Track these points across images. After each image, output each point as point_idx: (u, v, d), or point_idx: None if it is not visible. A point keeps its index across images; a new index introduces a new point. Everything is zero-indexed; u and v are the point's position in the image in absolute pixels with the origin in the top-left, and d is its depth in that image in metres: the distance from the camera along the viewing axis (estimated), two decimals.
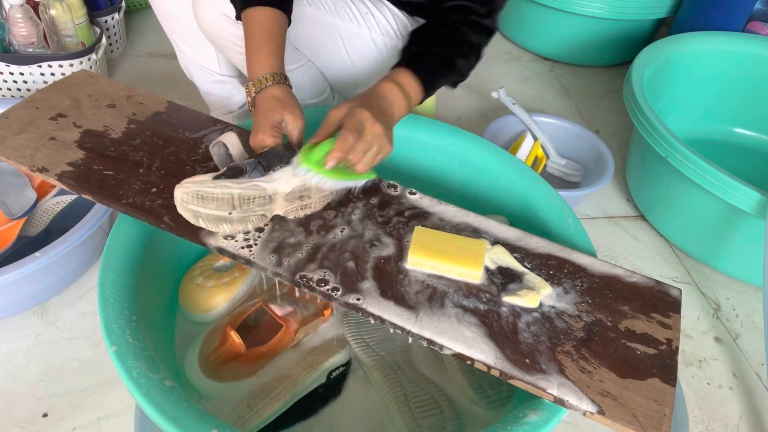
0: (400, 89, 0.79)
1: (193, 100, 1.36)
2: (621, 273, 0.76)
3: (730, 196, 1.00)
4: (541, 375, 0.62)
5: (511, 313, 0.68)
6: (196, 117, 0.88)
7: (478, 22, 0.87)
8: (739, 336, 1.06)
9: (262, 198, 0.70)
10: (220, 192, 0.68)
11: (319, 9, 0.97)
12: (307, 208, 0.75)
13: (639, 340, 0.68)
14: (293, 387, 0.76)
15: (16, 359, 0.88)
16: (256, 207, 0.71)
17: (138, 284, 0.71)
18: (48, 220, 0.99)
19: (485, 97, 1.57)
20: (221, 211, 0.69)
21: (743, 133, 1.48)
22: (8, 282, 0.83)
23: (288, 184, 0.71)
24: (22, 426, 0.81)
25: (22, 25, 1.19)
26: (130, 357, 0.61)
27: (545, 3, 1.63)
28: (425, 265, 0.71)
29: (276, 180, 0.71)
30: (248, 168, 0.70)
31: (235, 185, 0.68)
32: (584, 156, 1.33)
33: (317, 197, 0.75)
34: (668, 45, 1.36)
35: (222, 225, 0.70)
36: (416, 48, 0.86)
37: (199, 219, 0.69)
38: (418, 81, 0.81)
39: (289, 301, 0.84)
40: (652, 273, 1.15)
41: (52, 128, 0.80)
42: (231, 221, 0.70)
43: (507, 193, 0.94)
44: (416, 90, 0.81)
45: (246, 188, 0.69)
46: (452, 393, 0.80)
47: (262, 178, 0.70)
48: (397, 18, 1.03)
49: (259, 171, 0.71)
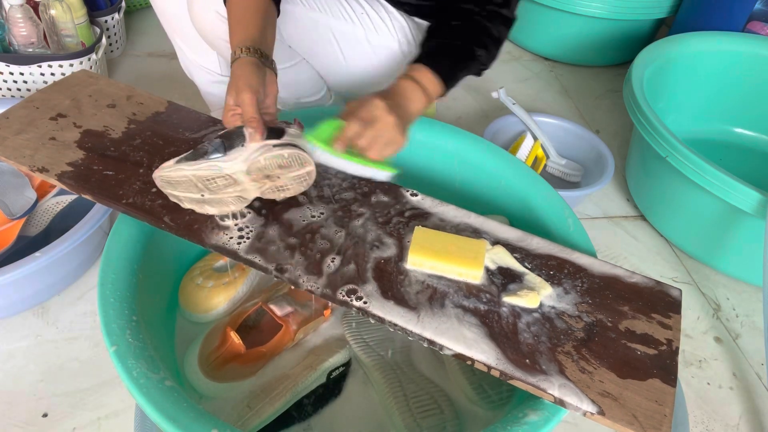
0: (418, 85, 0.79)
1: (193, 100, 1.36)
2: (621, 273, 0.76)
3: (730, 196, 1.00)
4: (541, 375, 0.62)
5: (512, 314, 0.68)
6: (197, 117, 0.88)
7: (496, 12, 0.87)
8: (739, 336, 1.06)
9: (223, 178, 0.70)
10: (176, 175, 0.69)
11: (313, 8, 0.96)
12: (285, 190, 0.74)
13: (639, 340, 0.68)
14: (293, 387, 0.76)
15: (16, 359, 0.88)
16: (225, 188, 0.71)
17: (138, 284, 0.71)
18: (48, 220, 0.99)
19: (485, 97, 1.57)
20: (192, 193, 0.70)
21: (743, 133, 1.48)
22: (8, 282, 0.83)
23: (244, 162, 0.70)
24: (22, 426, 0.81)
25: (22, 25, 1.19)
26: (130, 357, 0.61)
27: (545, 3, 1.63)
28: (425, 266, 0.71)
29: (232, 159, 0.70)
30: (210, 149, 0.71)
31: (189, 167, 0.69)
32: (584, 156, 1.33)
33: (289, 178, 0.72)
34: (668, 45, 1.36)
35: (205, 206, 0.72)
36: (434, 42, 0.85)
37: (183, 202, 0.71)
38: (437, 76, 0.81)
39: (289, 301, 0.84)
40: (652, 273, 1.15)
41: (52, 128, 0.80)
42: (210, 203, 0.71)
43: (507, 193, 0.94)
44: (435, 84, 0.81)
45: (200, 169, 0.69)
46: (452, 393, 0.80)
47: (221, 158, 0.70)
48: (393, 18, 1.02)
49: (220, 151, 0.71)
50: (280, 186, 0.73)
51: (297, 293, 0.87)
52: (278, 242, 0.72)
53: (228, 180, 0.71)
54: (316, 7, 0.96)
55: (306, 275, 0.69)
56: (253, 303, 0.85)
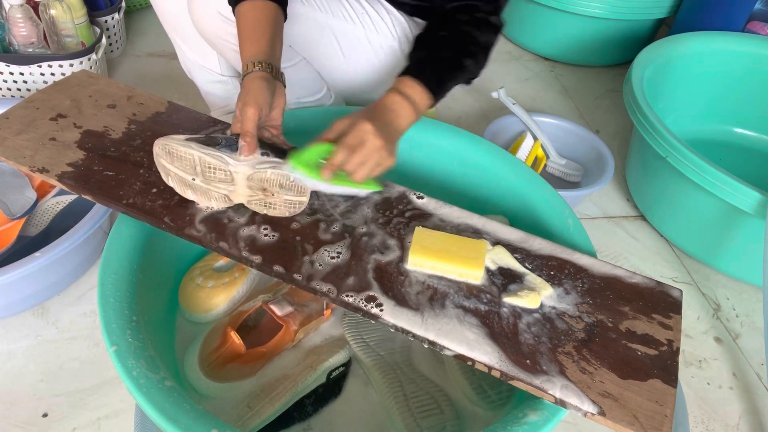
0: (406, 99, 0.79)
1: (194, 100, 1.36)
2: (622, 274, 0.76)
3: (730, 196, 1.00)
4: (542, 376, 0.62)
5: (512, 314, 0.68)
6: (197, 117, 0.88)
7: (486, 20, 0.87)
8: (739, 336, 1.06)
9: (223, 172, 0.71)
10: (184, 151, 0.70)
11: (313, 8, 0.96)
12: (271, 207, 0.74)
13: (640, 340, 0.68)
14: (293, 387, 0.76)
15: (16, 359, 0.88)
16: (219, 183, 0.72)
17: (138, 284, 0.71)
18: (48, 220, 0.99)
19: (485, 97, 1.57)
20: (185, 173, 0.71)
21: (743, 133, 1.48)
22: (8, 282, 0.83)
23: (250, 167, 0.71)
24: (22, 426, 0.81)
25: (22, 25, 1.19)
26: (130, 357, 0.61)
27: (545, 3, 1.63)
28: (426, 266, 0.71)
29: (241, 161, 0.71)
30: (223, 142, 0.72)
31: (199, 149, 0.70)
32: (584, 156, 1.33)
33: (282, 200, 0.73)
34: (668, 45, 1.36)
35: (187, 190, 0.73)
36: (422, 54, 0.85)
37: (169, 177, 0.72)
38: (425, 88, 0.80)
39: (289, 301, 0.84)
40: (652, 273, 1.15)
41: (52, 129, 0.80)
42: (194, 189, 0.72)
43: (507, 193, 0.94)
44: (424, 97, 0.81)
45: (208, 154, 0.70)
46: (452, 393, 0.80)
47: (231, 155, 0.71)
48: (394, 18, 1.02)
49: (232, 149, 0.72)
50: (270, 203, 0.74)
51: (297, 293, 0.87)
52: (279, 243, 0.72)
53: (226, 176, 0.71)
54: (317, 6, 0.96)
55: (305, 276, 0.69)
56: (253, 303, 0.85)
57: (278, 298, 0.84)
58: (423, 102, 0.81)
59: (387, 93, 0.80)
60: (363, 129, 0.72)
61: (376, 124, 0.73)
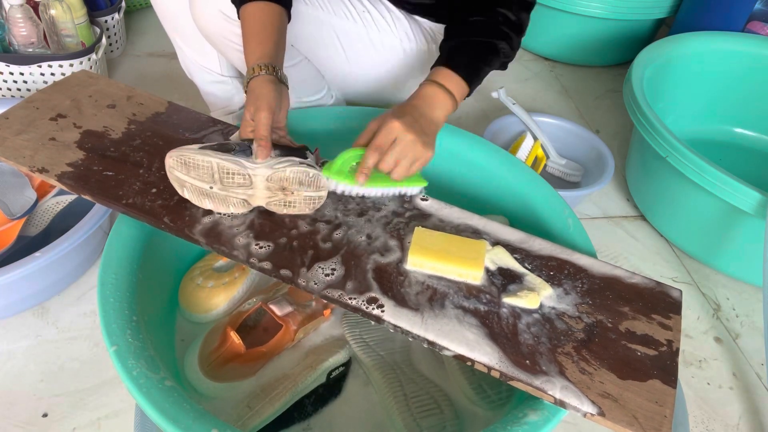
0: (441, 89, 0.79)
1: (194, 101, 1.36)
2: (621, 274, 0.76)
3: (730, 196, 1.00)
4: (541, 376, 0.62)
5: (512, 314, 0.68)
6: (197, 117, 0.88)
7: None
8: (739, 336, 1.06)
9: (242, 176, 0.71)
10: (202, 159, 0.70)
11: (315, 7, 0.96)
12: (291, 206, 0.75)
13: (639, 341, 0.68)
14: (293, 387, 0.76)
15: (16, 359, 0.88)
16: (237, 188, 0.72)
17: (138, 284, 0.71)
18: (48, 220, 0.99)
19: (485, 97, 1.56)
20: (203, 182, 0.71)
21: (743, 133, 1.48)
22: (8, 282, 0.83)
23: (269, 168, 0.71)
24: (22, 426, 0.81)
25: (22, 25, 1.19)
26: (130, 357, 0.61)
27: (545, 3, 1.63)
28: (425, 266, 0.71)
29: (258, 164, 0.71)
30: (237, 148, 0.72)
31: (216, 156, 0.70)
32: (584, 156, 1.33)
33: (302, 196, 0.74)
34: (668, 45, 1.36)
35: (205, 200, 0.72)
36: (453, 42, 0.84)
37: (184, 189, 0.71)
38: (459, 76, 0.80)
39: (289, 301, 0.84)
40: (652, 273, 1.15)
41: (52, 129, 0.80)
42: (212, 197, 0.72)
43: (507, 193, 0.94)
44: (459, 85, 0.80)
45: (227, 160, 0.70)
46: (452, 393, 0.80)
47: (247, 159, 0.72)
48: (395, 16, 1.02)
49: (246, 154, 0.72)
50: (289, 201, 0.74)
51: (297, 293, 0.87)
52: (280, 244, 0.72)
53: (245, 180, 0.71)
54: (318, 5, 0.96)
55: (307, 277, 0.69)
56: (253, 303, 0.85)
57: (278, 298, 0.84)
58: (459, 91, 0.80)
59: (421, 85, 0.80)
60: (391, 127, 0.73)
61: (405, 120, 0.73)
